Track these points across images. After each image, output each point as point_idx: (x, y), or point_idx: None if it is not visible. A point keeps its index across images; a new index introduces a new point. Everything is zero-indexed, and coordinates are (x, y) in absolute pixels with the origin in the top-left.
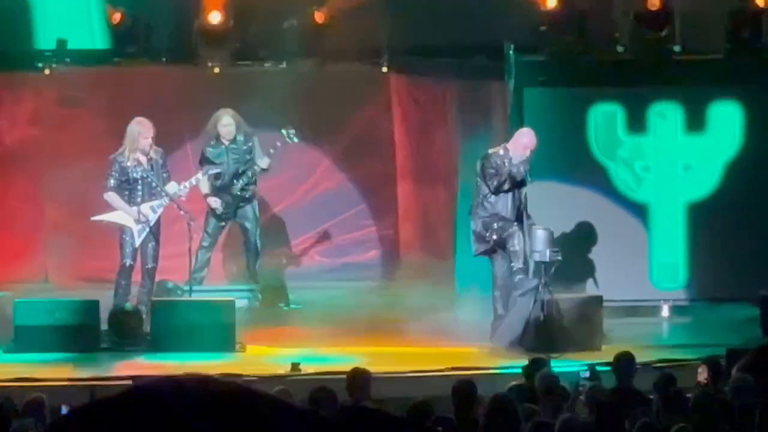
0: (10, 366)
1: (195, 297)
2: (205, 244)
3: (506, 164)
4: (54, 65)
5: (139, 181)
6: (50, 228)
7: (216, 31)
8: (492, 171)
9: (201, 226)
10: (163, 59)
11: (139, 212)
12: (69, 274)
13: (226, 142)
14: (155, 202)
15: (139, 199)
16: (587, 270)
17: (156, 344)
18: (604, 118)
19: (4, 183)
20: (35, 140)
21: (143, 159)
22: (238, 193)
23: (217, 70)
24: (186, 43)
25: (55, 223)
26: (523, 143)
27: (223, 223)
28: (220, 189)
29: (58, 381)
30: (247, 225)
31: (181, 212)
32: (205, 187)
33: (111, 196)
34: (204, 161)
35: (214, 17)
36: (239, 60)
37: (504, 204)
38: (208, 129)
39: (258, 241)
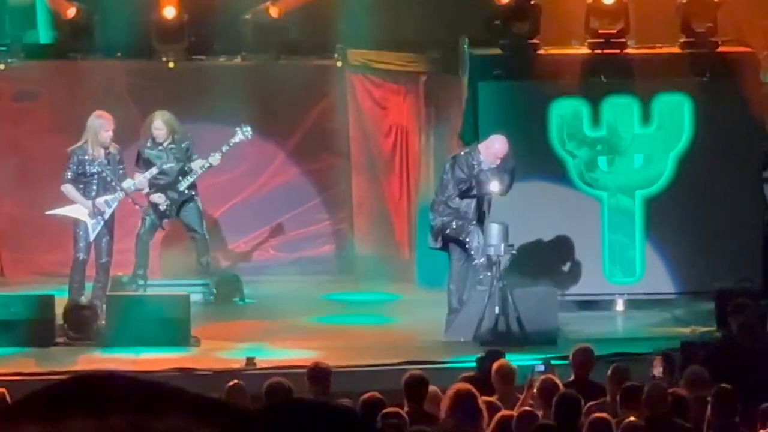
0: None
1: (150, 292)
2: (144, 238)
3: (476, 169)
4: (9, 60)
5: (95, 176)
6: (5, 222)
7: (171, 26)
8: (462, 177)
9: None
10: (118, 54)
11: (94, 206)
12: (24, 268)
13: (164, 141)
14: (110, 197)
15: (93, 194)
16: (542, 264)
17: (111, 339)
18: (562, 112)
19: None
20: None
21: (102, 153)
22: (185, 191)
23: (171, 64)
24: (141, 37)
25: (9, 218)
26: (494, 150)
27: (164, 220)
28: (165, 187)
29: (12, 376)
30: (193, 222)
31: (137, 206)
32: (146, 186)
33: (67, 188)
34: (141, 162)
35: (169, 12)
36: (194, 54)
37: (467, 204)
38: (144, 131)
39: (206, 234)
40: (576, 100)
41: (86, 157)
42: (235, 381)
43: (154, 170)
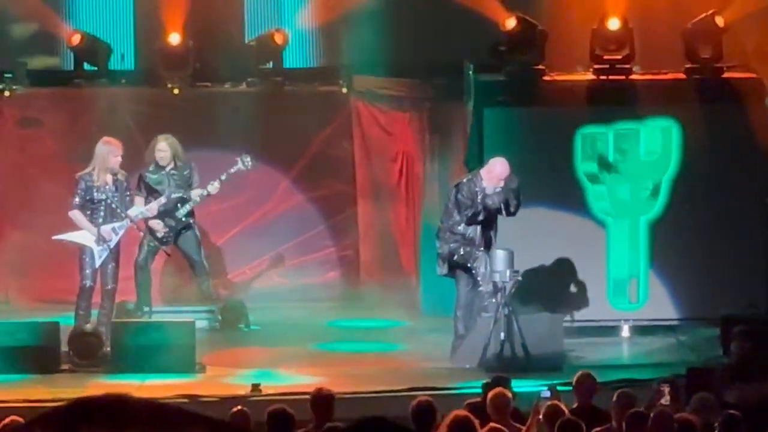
0: None
1: (155, 318)
2: (141, 265)
3: (479, 195)
4: (14, 87)
5: (102, 203)
6: (10, 249)
7: (176, 53)
8: (467, 203)
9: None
10: (123, 81)
11: (100, 233)
12: (29, 295)
13: (167, 167)
14: (117, 224)
15: (100, 220)
16: (548, 290)
17: (116, 365)
18: (574, 138)
19: None
20: None
21: (110, 179)
22: (183, 218)
23: (176, 91)
24: (146, 64)
25: (15, 245)
26: (496, 173)
27: (161, 246)
28: (163, 213)
29: (18, 402)
30: (191, 250)
31: (141, 232)
32: (155, 212)
33: (75, 214)
34: (143, 186)
35: (174, 38)
36: (199, 81)
37: (473, 230)
38: (148, 155)
39: (204, 261)
40: (588, 127)
41: (93, 184)
42: (239, 407)
43: (162, 199)
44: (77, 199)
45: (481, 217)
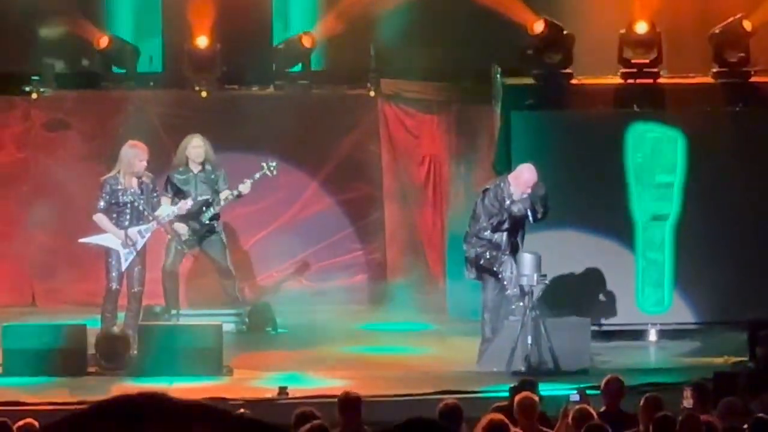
0: None
1: (182, 321)
2: (169, 269)
3: (507, 201)
4: (41, 89)
5: (128, 205)
6: (37, 252)
7: (203, 55)
8: (494, 210)
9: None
10: (151, 83)
11: (127, 236)
12: (56, 297)
13: (196, 168)
14: (143, 227)
15: (126, 223)
16: (575, 294)
17: (143, 368)
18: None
19: None
20: (22, 164)
21: (135, 183)
22: (207, 222)
23: (204, 94)
24: (174, 66)
25: (42, 247)
26: (524, 180)
27: (186, 250)
28: (187, 217)
29: (44, 405)
30: (216, 253)
31: (168, 236)
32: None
33: (100, 218)
34: (170, 188)
35: (202, 41)
36: (227, 84)
37: (499, 235)
38: (178, 155)
39: (230, 265)
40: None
41: (119, 187)
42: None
43: (189, 201)
44: (102, 203)
45: (506, 225)
